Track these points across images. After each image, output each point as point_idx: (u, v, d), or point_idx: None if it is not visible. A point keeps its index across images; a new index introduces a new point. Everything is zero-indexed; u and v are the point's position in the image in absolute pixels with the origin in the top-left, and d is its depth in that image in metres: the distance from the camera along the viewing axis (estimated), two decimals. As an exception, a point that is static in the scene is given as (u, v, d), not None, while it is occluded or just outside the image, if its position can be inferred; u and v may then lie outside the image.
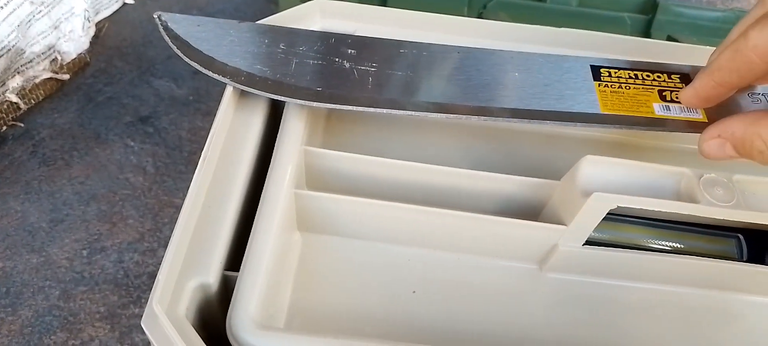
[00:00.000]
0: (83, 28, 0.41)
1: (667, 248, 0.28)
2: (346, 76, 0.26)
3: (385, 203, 0.25)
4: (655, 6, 0.49)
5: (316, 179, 0.27)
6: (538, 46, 0.30)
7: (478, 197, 0.27)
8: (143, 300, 0.35)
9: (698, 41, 0.47)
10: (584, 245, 0.25)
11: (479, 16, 0.50)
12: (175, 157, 0.40)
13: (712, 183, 0.25)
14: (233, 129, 0.25)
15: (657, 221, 0.28)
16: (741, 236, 0.29)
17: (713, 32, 0.49)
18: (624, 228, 0.28)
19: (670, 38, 0.48)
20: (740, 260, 0.28)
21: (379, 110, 0.26)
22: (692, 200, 0.24)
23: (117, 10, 0.48)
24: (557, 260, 0.26)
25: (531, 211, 0.27)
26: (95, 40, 0.45)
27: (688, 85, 0.25)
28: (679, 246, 0.28)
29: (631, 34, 0.49)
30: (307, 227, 0.26)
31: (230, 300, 0.21)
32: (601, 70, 0.27)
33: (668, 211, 0.24)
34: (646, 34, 0.49)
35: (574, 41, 0.31)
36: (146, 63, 0.46)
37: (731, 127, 0.23)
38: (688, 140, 0.30)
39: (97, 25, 0.45)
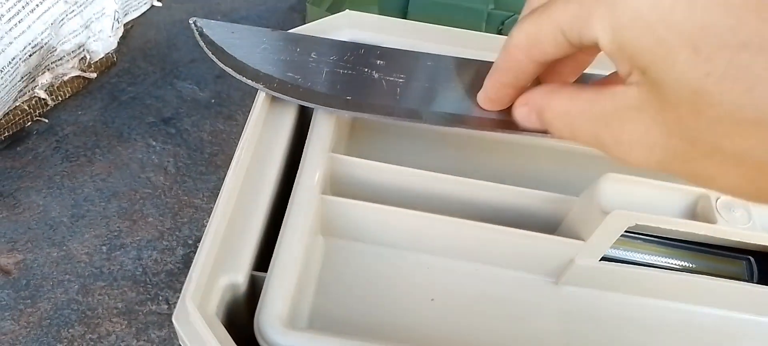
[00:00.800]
0: (112, 28, 0.42)
1: (678, 266, 0.29)
2: (375, 86, 0.27)
3: (407, 212, 0.26)
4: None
5: (339, 185, 0.28)
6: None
7: (496, 209, 0.28)
8: (160, 298, 0.35)
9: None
10: (600, 260, 0.26)
11: (498, 32, 0.50)
12: (196, 159, 0.41)
13: (729, 205, 0.25)
14: (265, 133, 0.26)
15: (670, 240, 0.29)
16: (752, 258, 0.29)
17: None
18: (637, 245, 0.29)
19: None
20: (750, 281, 0.29)
21: (406, 120, 0.26)
22: (708, 220, 0.25)
23: (144, 13, 0.49)
24: (573, 275, 0.26)
25: (548, 225, 0.28)
26: (122, 40, 0.46)
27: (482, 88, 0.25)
28: (690, 266, 0.29)
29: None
30: (330, 231, 0.27)
31: (257, 300, 0.22)
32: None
33: (685, 230, 0.25)
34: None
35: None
36: (170, 65, 0.47)
37: (533, 96, 0.23)
38: None
39: (124, 26, 0.46)
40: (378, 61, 0.28)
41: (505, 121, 0.25)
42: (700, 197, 0.25)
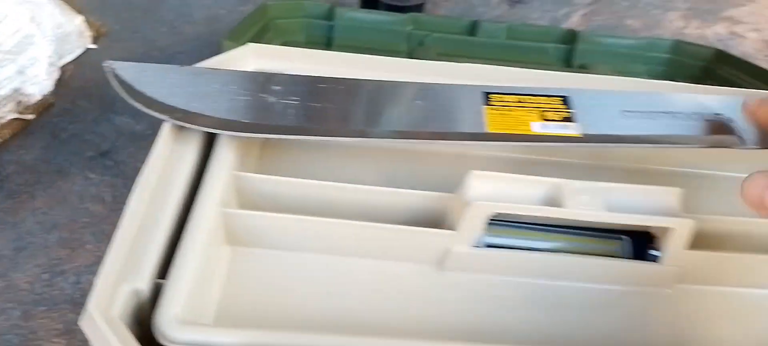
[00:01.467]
0: (47, 72, 0.45)
1: (561, 248, 0.32)
2: (271, 108, 0.30)
3: (303, 218, 0.29)
4: (574, 36, 0.54)
5: (249, 200, 0.31)
6: (444, 78, 0.35)
7: (389, 209, 0.31)
8: (100, 318, 0.38)
9: (609, 69, 0.52)
10: (481, 247, 0.29)
11: (420, 46, 0.54)
12: (132, 187, 0.44)
13: (579, 191, 0.29)
14: (169, 158, 0.29)
15: (552, 226, 0.32)
16: (628, 237, 0.33)
17: (628, 59, 0.55)
18: (521, 233, 0.32)
19: (582, 67, 0.53)
20: (624, 257, 0.32)
21: (295, 136, 0.30)
22: (559, 205, 0.28)
23: (80, 55, 0.52)
24: (452, 261, 0.30)
25: (436, 219, 0.31)
26: (60, 81, 0.49)
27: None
28: (573, 247, 0.32)
29: (555, 63, 0.55)
30: (236, 241, 0.30)
31: (161, 304, 0.25)
32: (491, 95, 0.32)
33: (537, 215, 0.28)
34: (568, 62, 0.55)
35: (476, 74, 0.36)
36: (108, 101, 0.50)
37: None
38: (565, 154, 0.35)
39: (62, 68, 0.49)
40: (275, 87, 0.31)
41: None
42: (555, 185, 0.29)
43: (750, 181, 0.23)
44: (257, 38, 0.50)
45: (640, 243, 0.33)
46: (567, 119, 0.31)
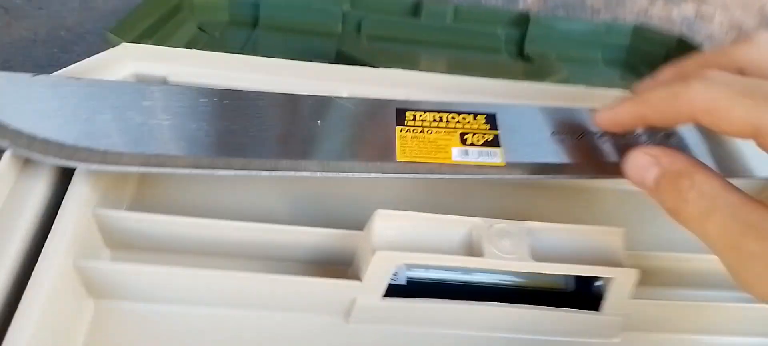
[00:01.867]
0: None
1: (483, 283, 0.28)
2: (138, 130, 0.25)
3: (183, 270, 0.24)
4: (527, 20, 0.49)
5: (120, 242, 0.26)
6: (363, 86, 0.30)
7: (290, 247, 0.27)
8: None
9: (563, 56, 0.48)
10: (392, 294, 0.25)
11: (357, 33, 0.49)
12: None
13: (501, 233, 0.25)
14: (11, 198, 0.24)
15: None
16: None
17: (584, 45, 0.50)
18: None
19: (527, 58, 0.48)
20: (567, 290, 0.28)
21: (164, 170, 0.24)
22: (478, 253, 0.24)
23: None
24: (359, 313, 0.26)
25: (344, 258, 0.27)
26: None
27: (606, 107, 0.24)
28: (499, 281, 0.28)
29: (505, 50, 0.50)
30: (100, 293, 0.25)
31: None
32: (407, 113, 0.27)
33: (452, 265, 0.24)
34: (520, 47, 0.50)
35: (392, 81, 0.31)
36: None
37: (674, 159, 0.21)
38: (486, 186, 0.31)
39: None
40: (145, 103, 0.26)
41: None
42: (474, 227, 0.25)
43: (632, 160, 0.23)
44: (166, 19, 0.44)
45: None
46: (490, 143, 0.26)
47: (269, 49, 0.46)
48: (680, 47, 0.48)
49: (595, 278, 0.27)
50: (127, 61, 0.29)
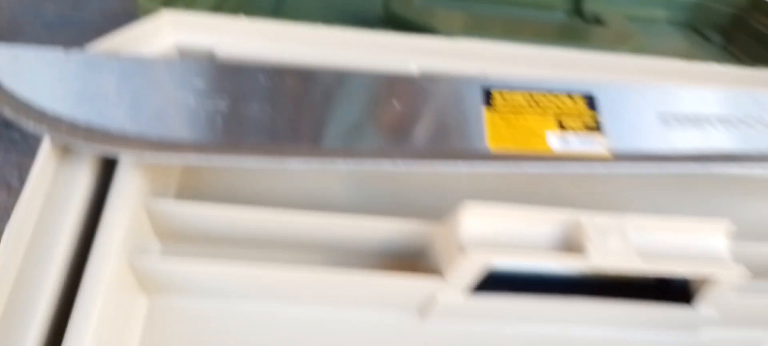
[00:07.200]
0: None
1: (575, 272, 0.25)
2: (192, 116, 0.22)
3: (241, 267, 0.22)
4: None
5: (171, 232, 0.24)
6: (431, 59, 0.27)
7: (357, 241, 0.24)
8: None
9: (624, 15, 0.44)
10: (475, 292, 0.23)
11: (384, 9, 0.45)
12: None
13: (603, 230, 0.22)
14: (53, 192, 0.21)
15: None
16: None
17: (646, 3, 0.46)
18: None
19: (585, 16, 0.44)
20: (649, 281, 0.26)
21: (229, 157, 0.22)
22: (578, 250, 0.22)
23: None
24: (439, 310, 0.23)
25: (415, 252, 0.24)
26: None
27: None
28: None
29: (561, 8, 0.46)
30: (155, 288, 0.23)
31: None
32: (493, 93, 0.24)
33: (549, 265, 0.22)
34: (577, 9, 0.46)
35: (473, 54, 0.27)
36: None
37: None
38: (587, 180, 0.28)
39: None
40: (196, 80, 0.23)
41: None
42: (571, 223, 0.22)
43: None
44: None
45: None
46: (592, 128, 0.23)
47: (305, 8, 0.42)
48: (752, 6, 0.44)
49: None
50: (168, 31, 0.26)
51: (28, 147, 0.37)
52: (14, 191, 0.36)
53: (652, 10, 0.46)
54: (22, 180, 0.36)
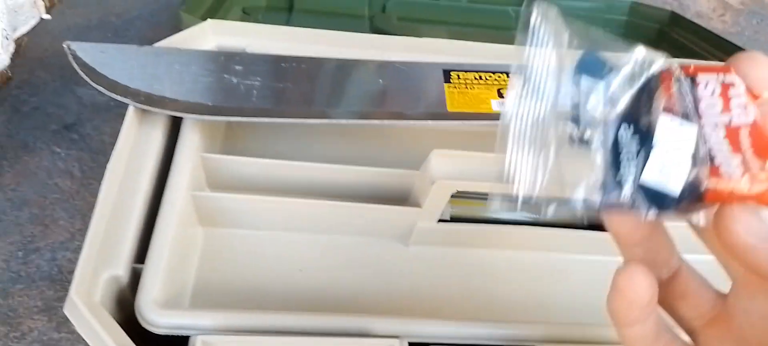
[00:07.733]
0: (2, 46, 0.44)
1: (524, 219, 0.34)
2: (234, 90, 0.31)
3: (272, 199, 0.30)
4: (535, -1, 0.55)
5: (217, 181, 0.32)
6: (407, 53, 0.36)
7: (355, 186, 0.33)
8: (77, 292, 0.39)
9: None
10: (444, 221, 0.31)
11: (382, 12, 0.55)
12: (100, 161, 0.44)
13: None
14: (136, 143, 0.30)
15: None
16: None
17: (586, 21, 0.56)
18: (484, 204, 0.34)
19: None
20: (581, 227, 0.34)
21: (264, 119, 0.30)
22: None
23: (35, 25, 0.51)
24: (418, 236, 0.32)
25: (400, 196, 0.33)
26: (16, 54, 0.48)
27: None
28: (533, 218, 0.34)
29: (517, 27, 0.55)
30: (208, 222, 0.31)
31: (139, 288, 0.26)
32: (451, 73, 0.33)
33: (501, 192, 0.30)
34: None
35: (435, 49, 0.37)
36: (68, 72, 0.50)
37: None
38: None
39: (16, 40, 0.48)
40: (237, 67, 0.32)
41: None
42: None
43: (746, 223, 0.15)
44: (217, 7, 0.49)
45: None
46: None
47: (308, 24, 0.52)
48: (672, 22, 0.54)
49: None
50: (211, 35, 0.35)
51: (86, 145, 0.46)
52: (77, 179, 0.44)
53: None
54: (83, 171, 0.44)
